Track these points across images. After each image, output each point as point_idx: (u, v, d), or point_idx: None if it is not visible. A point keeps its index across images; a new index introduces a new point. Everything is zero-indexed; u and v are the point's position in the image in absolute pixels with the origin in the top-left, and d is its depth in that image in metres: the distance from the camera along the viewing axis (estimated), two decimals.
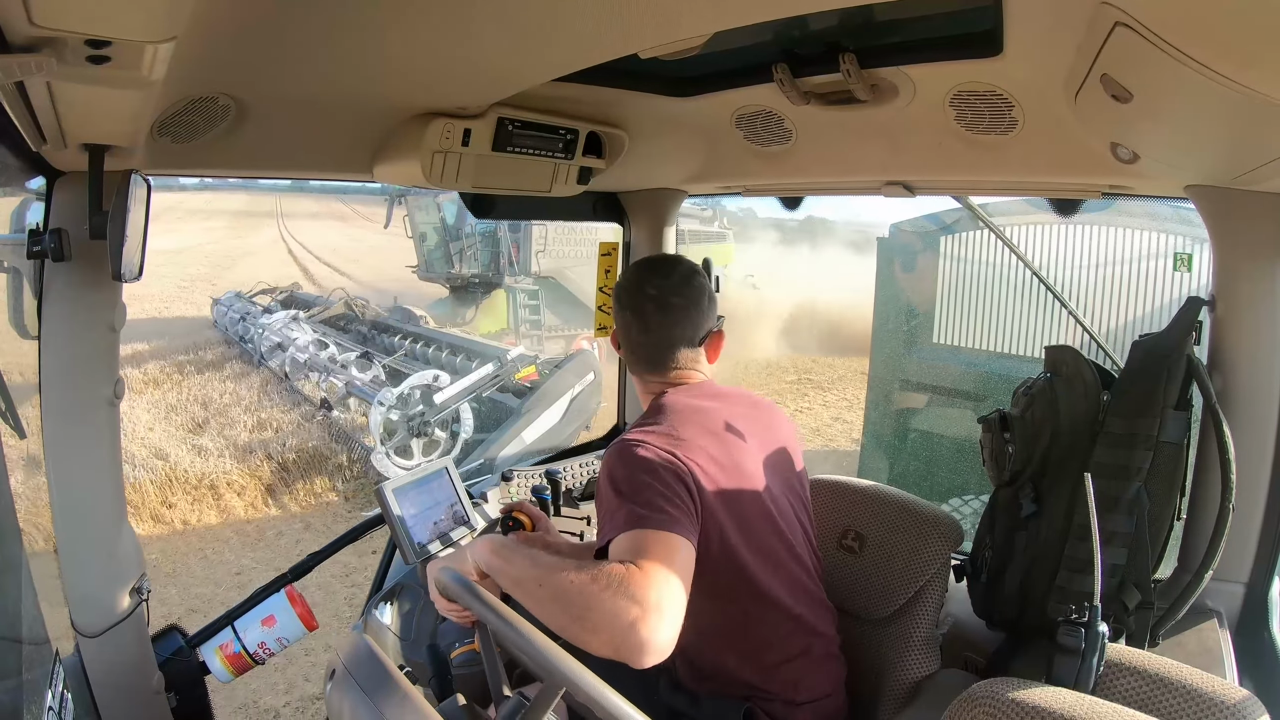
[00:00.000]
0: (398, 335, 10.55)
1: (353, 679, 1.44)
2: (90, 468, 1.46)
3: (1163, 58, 0.91)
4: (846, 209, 20.75)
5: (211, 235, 33.71)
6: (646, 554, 1.14)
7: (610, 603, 1.06)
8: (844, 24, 1.47)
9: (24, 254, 1.31)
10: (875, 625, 1.68)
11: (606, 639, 1.05)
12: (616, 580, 1.07)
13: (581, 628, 1.06)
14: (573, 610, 1.08)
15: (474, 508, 2.05)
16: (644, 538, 1.17)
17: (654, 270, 1.56)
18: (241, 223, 38.65)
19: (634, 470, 1.29)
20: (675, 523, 1.21)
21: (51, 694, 1.27)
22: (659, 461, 1.30)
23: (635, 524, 1.20)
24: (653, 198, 2.47)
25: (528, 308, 13.00)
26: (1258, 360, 1.49)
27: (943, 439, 5.70)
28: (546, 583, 1.13)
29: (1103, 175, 1.61)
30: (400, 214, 14.23)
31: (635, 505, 1.22)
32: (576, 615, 1.07)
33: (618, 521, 1.22)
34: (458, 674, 1.62)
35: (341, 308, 12.07)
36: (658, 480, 1.27)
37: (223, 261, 25.56)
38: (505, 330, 12.70)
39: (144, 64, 0.82)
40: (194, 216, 39.92)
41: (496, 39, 1.26)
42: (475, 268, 13.88)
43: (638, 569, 1.10)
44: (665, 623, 1.06)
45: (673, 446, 1.33)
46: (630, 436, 1.37)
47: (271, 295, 14.21)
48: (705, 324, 1.54)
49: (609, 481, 1.30)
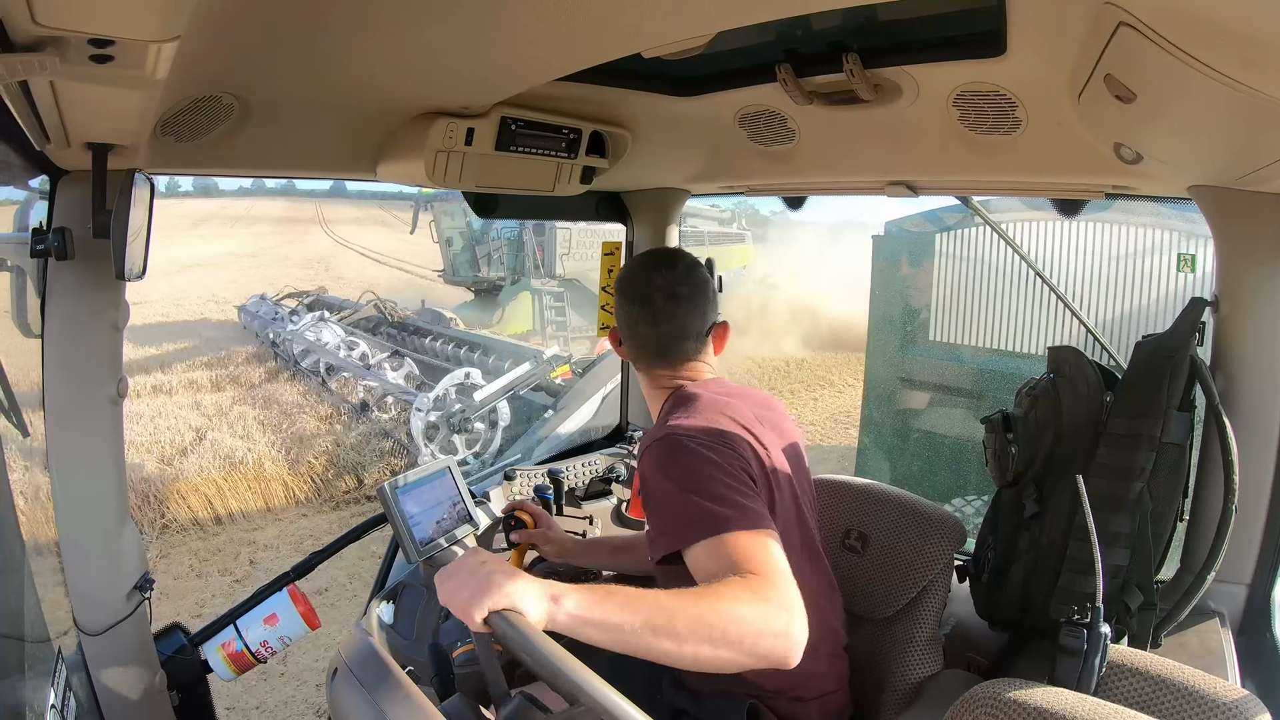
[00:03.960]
0: (428, 337, 10.86)
1: (355, 677, 1.45)
2: (93, 466, 1.46)
3: (1166, 58, 0.91)
4: (883, 210, 20.88)
5: (267, 240, 34.72)
6: (753, 557, 1.10)
7: (760, 618, 1.02)
8: (847, 24, 1.47)
9: (27, 253, 1.31)
10: (878, 625, 1.68)
11: (765, 653, 1.02)
12: (747, 595, 1.03)
13: (733, 652, 1.01)
14: (721, 642, 1.00)
15: (477, 506, 2.05)
16: (736, 543, 1.12)
17: (659, 261, 1.55)
18: (288, 229, 39.61)
19: (692, 464, 1.23)
20: (759, 516, 1.17)
21: (54, 692, 1.27)
22: (716, 455, 1.25)
23: (719, 527, 1.14)
24: (656, 197, 2.47)
25: (553, 309, 13.20)
26: (1261, 361, 1.49)
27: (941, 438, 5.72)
28: (668, 624, 1.00)
29: (1106, 176, 1.60)
30: (426, 219, 14.38)
31: (711, 503, 1.17)
32: (729, 644, 1.01)
33: (689, 522, 1.16)
34: (460, 673, 1.61)
35: (371, 310, 12.32)
36: (720, 473, 1.22)
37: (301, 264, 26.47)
38: (531, 331, 12.87)
39: (147, 63, 0.82)
40: (239, 223, 41.09)
41: (500, 39, 1.26)
42: (501, 271, 14.05)
43: (758, 576, 1.06)
44: (804, 620, 1.05)
45: (722, 440, 1.29)
46: (677, 431, 1.30)
47: (298, 299, 14.37)
48: (710, 316, 1.53)
49: (664, 477, 1.24)
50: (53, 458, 1.43)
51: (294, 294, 14.83)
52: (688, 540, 1.16)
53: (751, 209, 17.54)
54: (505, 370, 8.14)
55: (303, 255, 30.30)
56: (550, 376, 7.84)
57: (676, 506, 1.20)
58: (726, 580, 1.06)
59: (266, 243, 34.35)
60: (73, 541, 1.46)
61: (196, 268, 25.54)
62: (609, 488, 2.44)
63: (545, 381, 7.90)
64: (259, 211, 45.53)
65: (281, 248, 32.99)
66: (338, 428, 8.78)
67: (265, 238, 36.11)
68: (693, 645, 0.99)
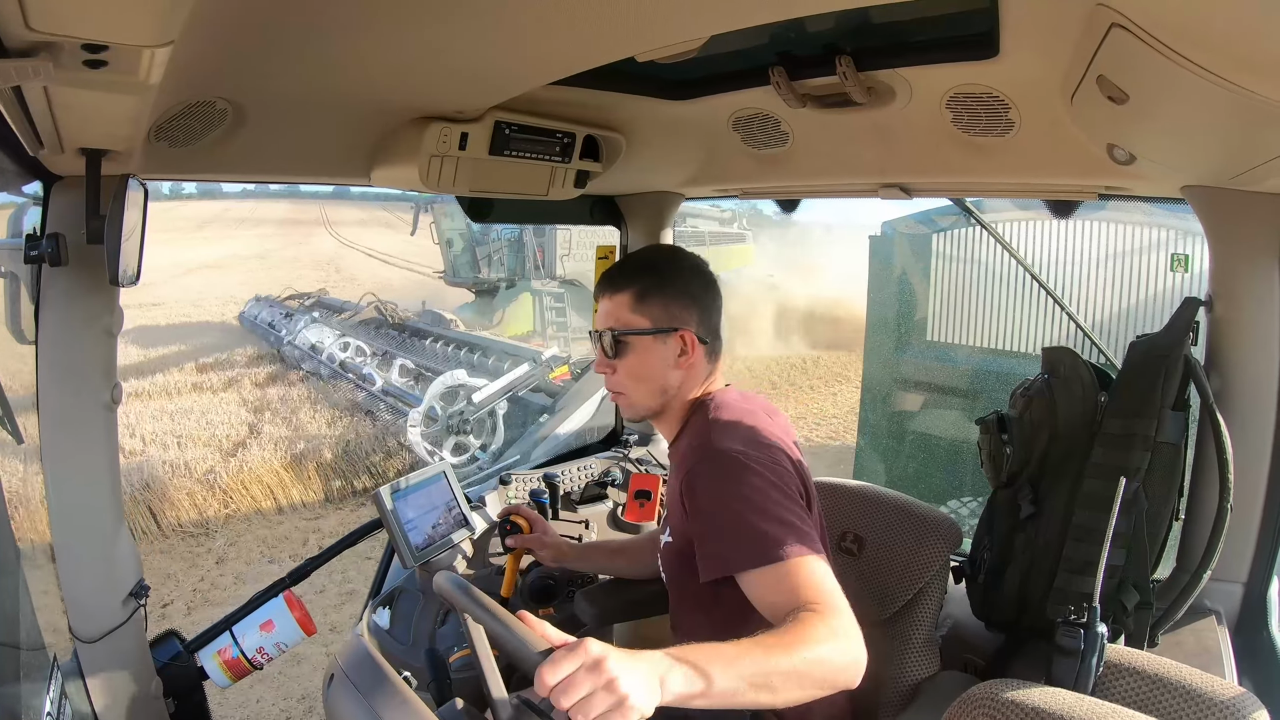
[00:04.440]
0: (429, 339, 10.92)
1: (351, 683, 1.44)
2: (88, 472, 1.45)
3: (1159, 59, 0.92)
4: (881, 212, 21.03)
5: (272, 242, 34.91)
6: (813, 587, 1.12)
7: (839, 656, 1.05)
8: (840, 26, 1.47)
9: (21, 259, 1.31)
10: (875, 627, 1.67)
11: (844, 684, 1.05)
12: (825, 633, 1.05)
13: (819, 689, 1.04)
14: (808, 683, 1.03)
15: (473, 510, 2.04)
16: (799, 570, 1.13)
17: (681, 252, 1.54)
18: (293, 230, 39.77)
19: (752, 481, 1.22)
20: (812, 540, 1.17)
21: (49, 699, 1.27)
22: (772, 474, 1.24)
23: (778, 553, 1.14)
24: (650, 201, 2.47)
25: (553, 310, 13.28)
26: (1255, 360, 1.49)
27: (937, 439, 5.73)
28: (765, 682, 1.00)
29: (1099, 176, 1.61)
30: (427, 221, 14.42)
31: (766, 525, 1.17)
32: (814, 684, 1.03)
33: (745, 543, 1.17)
34: (456, 678, 1.61)
35: (371, 312, 12.42)
36: (778, 491, 1.22)
37: (311, 265, 26.64)
38: (531, 332, 12.97)
39: (141, 68, 0.82)
40: (243, 225, 41.24)
41: (493, 43, 1.26)
42: (501, 272, 14.10)
43: (825, 608, 1.09)
44: (862, 640, 1.08)
45: (773, 455, 1.28)
46: (728, 444, 1.28)
47: (299, 300, 14.43)
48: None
49: (719, 496, 1.23)
50: (47, 464, 1.42)
51: (295, 295, 14.90)
52: (741, 566, 1.17)
53: (754, 210, 17.62)
54: (504, 371, 8.20)
55: (311, 256, 30.47)
56: (548, 377, 7.89)
57: (731, 528, 1.20)
58: (799, 618, 1.07)
59: (272, 244, 34.47)
60: (67, 548, 1.45)
61: (205, 269, 25.64)
62: (604, 492, 2.43)
63: (544, 383, 7.95)
64: (262, 213, 45.48)
65: (288, 249, 33.15)
66: (340, 426, 8.92)
67: (270, 239, 36.18)
68: (785, 693, 1.01)
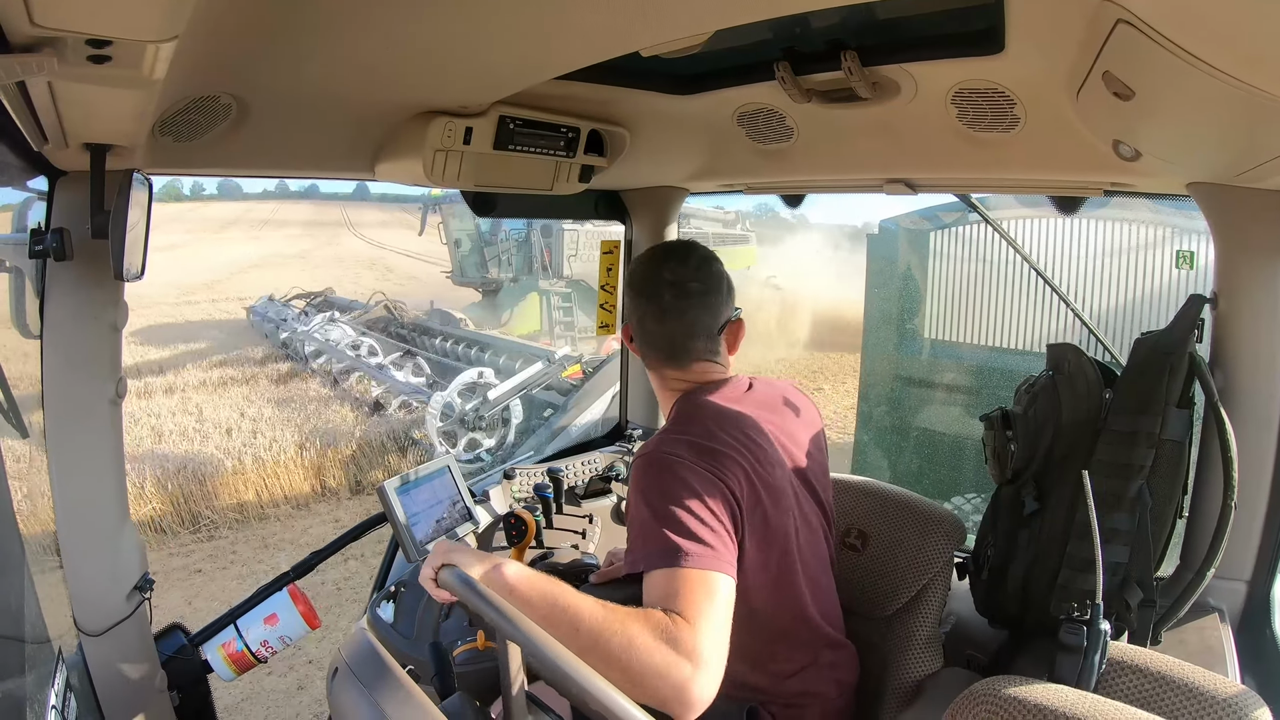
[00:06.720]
0: (438, 337, 11.05)
1: (355, 676, 1.45)
2: (92, 467, 1.46)
3: (1164, 55, 0.91)
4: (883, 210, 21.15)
5: (303, 243, 35.46)
6: (691, 600, 1.08)
7: (660, 660, 1.01)
8: (845, 22, 1.46)
9: (26, 253, 1.31)
10: (878, 623, 1.68)
11: (653, 694, 1.00)
12: (662, 634, 1.03)
13: (628, 682, 0.98)
14: (614, 663, 1.01)
15: (477, 504, 2.05)
16: (685, 579, 1.11)
17: (670, 255, 1.49)
18: (317, 231, 40.24)
19: (671, 489, 1.21)
20: (717, 558, 1.15)
21: (54, 692, 1.27)
22: (698, 481, 1.22)
23: (675, 560, 1.12)
24: (655, 196, 2.47)
25: (561, 309, 13.34)
26: (1259, 357, 1.49)
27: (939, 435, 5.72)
28: (581, 630, 1.04)
29: (1104, 173, 1.60)
30: (435, 221, 14.48)
31: (674, 534, 1.15)
32: (621, 669, 1.00)
33: (654, 548, 1.15)
34: (460, 672, 1.61)
35: (381, 311, 12.54)
36: (697, 503, 1.19)
37: (354, 264, 27.12)
38: (539, 332, 13.03)
39: (145, 63, 0.82)
40: (266, 226, 41.72)
41: (498, 38, 1.26)
42: (509, 272, 14.19)
43: (684, 621, 1.05)
44: (713, 677, 1.04)
45: (713, 461, 1.25)
46: (665, 449, 1.28)
47: (307, 299, 14.51)
48: (725, 312, 1.48)
49: (642, 497, 1.22)
50: (52, 458, 1.43)
51: (302, 295, 14.97)
52: (648, 565, 1.16)
53: (772, 211, 17.59)
54: (516, 370, 8.31)
55: (353, 256, 30.91)
56: (562, 375, 8.01)
57: (646, 531, 1.19)
58: (650, 611, 1.07)
59: (304, 245, 34.89)
60: (73, 542, 1.46)
61: (255, 269, 25.88)
62: (609, 486, 2.43)
63: (555, 380, 8.08)
64: (284, 215, 45.96)
65: (323, 249, 33.68)
66: (354, 423, 9.05)
67: (300, 240, 36.56)
68: (590, 657, 0.96)
